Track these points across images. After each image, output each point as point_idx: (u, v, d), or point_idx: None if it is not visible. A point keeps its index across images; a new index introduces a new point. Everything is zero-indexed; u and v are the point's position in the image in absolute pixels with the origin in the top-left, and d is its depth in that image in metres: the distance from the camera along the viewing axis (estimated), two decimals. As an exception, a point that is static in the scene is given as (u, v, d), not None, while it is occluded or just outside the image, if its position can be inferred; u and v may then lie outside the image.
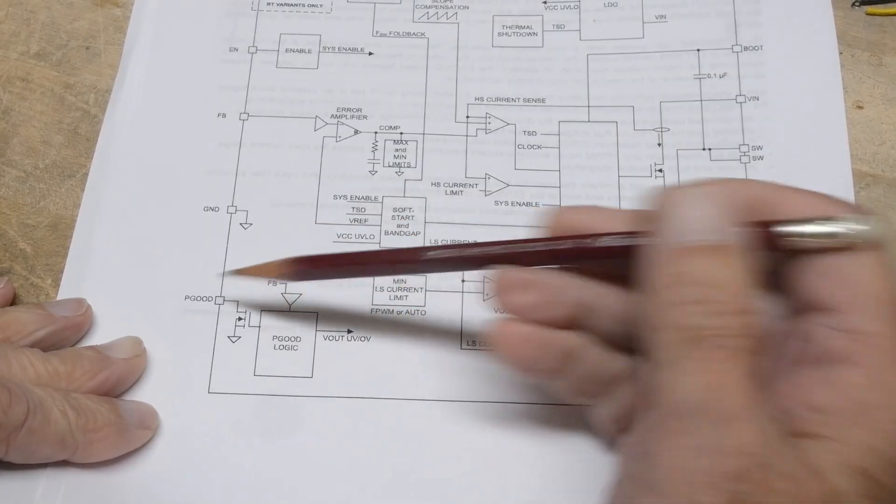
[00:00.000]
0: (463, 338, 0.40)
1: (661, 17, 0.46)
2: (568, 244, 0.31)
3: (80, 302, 0.39)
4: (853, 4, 0.46)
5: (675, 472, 0.24)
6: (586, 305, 0.31)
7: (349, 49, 0.46)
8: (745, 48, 0.45)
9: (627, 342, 0.31)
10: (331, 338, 0.40)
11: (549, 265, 0.32)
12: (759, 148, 0.43)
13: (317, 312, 0.40)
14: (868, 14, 0.46)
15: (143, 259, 0.41)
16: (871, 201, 0.42)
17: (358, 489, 0.37)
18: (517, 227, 0.42)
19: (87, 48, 0.47)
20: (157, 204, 0.42)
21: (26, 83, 0.46)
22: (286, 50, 0.46)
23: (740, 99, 0.44)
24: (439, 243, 0.41)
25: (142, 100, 0.45)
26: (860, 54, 0.45)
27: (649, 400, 0.27)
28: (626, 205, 0.42)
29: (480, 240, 0.41)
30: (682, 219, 0.27)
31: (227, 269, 0.40)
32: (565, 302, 0.31)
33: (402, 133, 0.44)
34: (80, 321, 0.39)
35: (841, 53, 0.45)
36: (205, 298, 0.41)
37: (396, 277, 0.41)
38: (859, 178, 0.43)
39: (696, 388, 0.25)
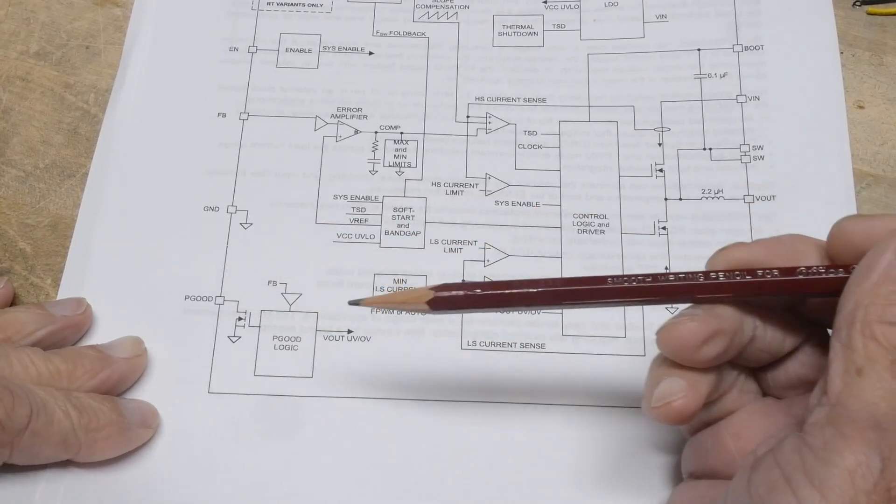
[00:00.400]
0: (463, 337, 0.40)
1: (662, 16, 0.46)
2: (775, 277, 0.29)
3: (79, 301, 0.39)
4: (854, 4, 0.47)
5: (848, 477, 0.25)
6: (747, 341, 0.31)
7: (349, 49, 0.46)
8: (746, 48, 0.45)
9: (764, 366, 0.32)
10: (331, 338, 0.40)
11: (740, 299, 0.30)
12: (760, 148, 0.43)
13: (317, 312, 0.40)
14: (869, 14, 0.46)
15: (144, 259, 0.41)
16: (872, 201, 0.42)
17: (358, 489, 0.37)
18: (518, 226, 0.42)
19: (87, 48, 0.47)
20: (157, 203, 0.42)
21: (26, 83, 0.46)
22: (286, 50, 0.46)
23: (741, 99, 0.44)
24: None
25: (142, 99, 0.45)
26: (861, 54, 0.46)
27: (823, 397, 0.27)
28: (627, 204, 0.42)
29: (489, 240, 0.42)
30: None
31: (351, 299, 0.33)
32: (738, 343, 0.30)
33: (402, 133, 0.44)
34: (79, 320, 0.39)
35: (842, 53, 0.45)
36: (205, 298, 0.40)
37: (397, 275, 0.41)
38: (860, 177, 0.43)
39: (883, 404, 0.25)
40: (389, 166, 0.43)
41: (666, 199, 0.42)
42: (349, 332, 0.40)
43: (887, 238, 0.27)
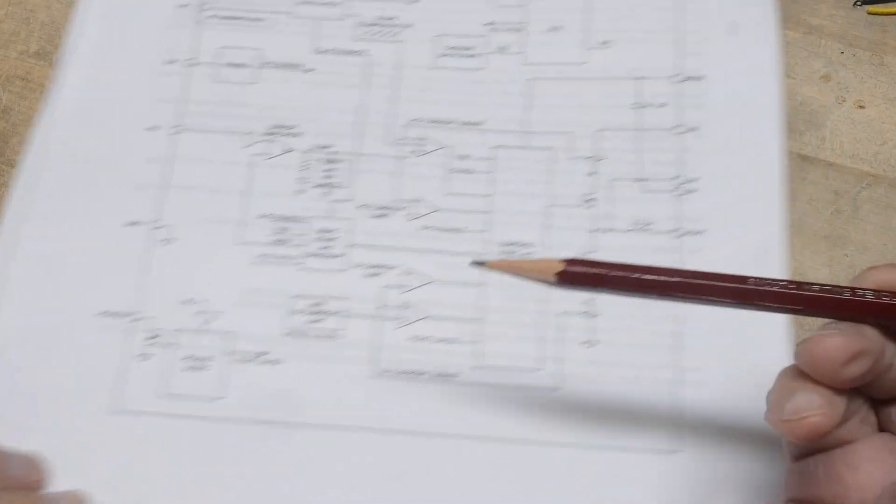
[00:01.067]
0: (377, 364, 0.40)
1: (606, 42, 0.44)
2: None
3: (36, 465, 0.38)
4: (854, 4, 0.46)
5: None
6: (885, 368, 0.30)
7: (288, 65, 0.45)
8: (687, 78, 0.42)
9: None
10: (244, 360, 0.40)
11: (884, 322, 0.29)
12: (695, 180, 0.41)
13: (231, 333, 0.40)
14: (869, 14, 0.46)
15: (61, 271, 0.41)
16: (872, 201, 0.42)
17: None
18: (442, 252, 0.41)
19: (84, 48, 0.48)
20: (80, 215, 0.42)
21: (26, 82, 0.47)
22: (225, 64, 0.45)
23: (678, 129, 0.41)
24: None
25: (77, 108, 0.45)
26: (861, 54, 0.45)
27: None
28: (554, 233, 0.41)
29: (412, 266, 0.41)
30: None
31: (474, 261, 0.32)
32: (877, 368, 0.29)
33: (334, 152, 0.43)
34: (35, 486, 0.38)
35: (842, 53, 0.45)
36: (119, 315, 0.40)
37: (314, 297, 0.41)
38: (860, 177, 0.43)
39: None
40: (318, 186, 0.43)
41: (594, 231, 0.40)
42: (262, 354, 0.40)
43: None
